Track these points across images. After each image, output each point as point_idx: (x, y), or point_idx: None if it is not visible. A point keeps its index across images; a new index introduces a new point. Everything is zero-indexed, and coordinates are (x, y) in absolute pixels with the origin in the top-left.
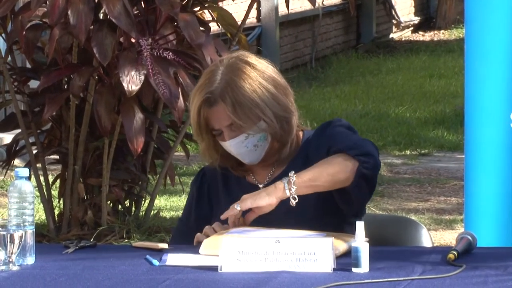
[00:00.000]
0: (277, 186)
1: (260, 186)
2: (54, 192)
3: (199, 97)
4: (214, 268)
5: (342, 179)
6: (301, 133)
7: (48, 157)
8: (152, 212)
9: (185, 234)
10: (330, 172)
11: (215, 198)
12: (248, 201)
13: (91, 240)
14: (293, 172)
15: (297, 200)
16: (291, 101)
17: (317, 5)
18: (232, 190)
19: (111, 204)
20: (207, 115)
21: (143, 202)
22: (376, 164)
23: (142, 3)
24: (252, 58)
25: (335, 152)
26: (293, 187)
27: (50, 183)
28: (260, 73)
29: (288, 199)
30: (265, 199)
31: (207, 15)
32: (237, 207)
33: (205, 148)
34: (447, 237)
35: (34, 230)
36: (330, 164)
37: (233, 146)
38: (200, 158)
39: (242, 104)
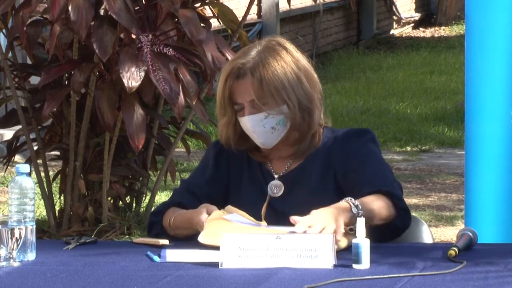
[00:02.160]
0: (343, 206)
1: (276, 176)
2: (55, 188)
3: (229, 67)
4: (215, 264)
5: (376, 222)
6: (321, 130)
7: (49, 153)
8: (153, 208)
9: (190, 193)
10: (375, 215)
11: (235, 174)
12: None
13: (92, 236)
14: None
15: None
16: (318, 96)
17: (318, 1)
18: (255, 173)
19: (111, 200)
20: (233, 86)
21: (144, 198)
22: (408, 225)
23: None
24: (291, 46)
25: (383, 192)
26: (360, 210)
27: (51, 179)
28: (295, 60)
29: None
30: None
31: (207, 11)
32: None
33: (224, 124)
34: (448, 234)
35: (35, 226)
36: (378, 206)
37: (251, 122)
38: (201, 153)
39: (270, 82)
